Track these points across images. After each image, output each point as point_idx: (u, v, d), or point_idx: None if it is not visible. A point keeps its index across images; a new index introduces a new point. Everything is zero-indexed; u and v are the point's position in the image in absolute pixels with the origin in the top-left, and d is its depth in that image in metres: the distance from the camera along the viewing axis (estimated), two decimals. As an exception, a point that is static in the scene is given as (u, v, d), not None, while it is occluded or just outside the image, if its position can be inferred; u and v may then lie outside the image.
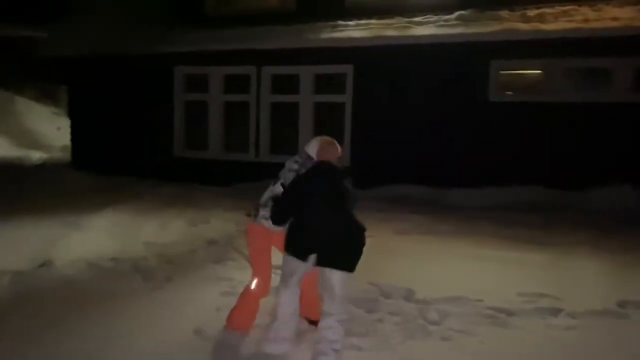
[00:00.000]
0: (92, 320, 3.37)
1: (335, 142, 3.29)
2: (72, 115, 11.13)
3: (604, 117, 7.35)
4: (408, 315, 3.44)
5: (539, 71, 7.85)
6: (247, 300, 3.23)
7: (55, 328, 3.23)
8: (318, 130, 9.05)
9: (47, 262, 4.50)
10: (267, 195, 3.28)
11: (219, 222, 6.25)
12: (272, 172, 10.46)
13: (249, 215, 3.42)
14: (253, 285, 3.24)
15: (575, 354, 2.98)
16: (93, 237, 5.30)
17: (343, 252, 2.93)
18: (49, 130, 15.77)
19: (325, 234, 2.92)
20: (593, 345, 3.08)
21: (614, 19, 7.02)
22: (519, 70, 8.05)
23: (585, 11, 7.30)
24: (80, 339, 3.11)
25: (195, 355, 2.98)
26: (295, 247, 2.97)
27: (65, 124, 13.72)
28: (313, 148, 3.27)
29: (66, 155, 11.50)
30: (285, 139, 9.14)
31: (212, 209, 6.93)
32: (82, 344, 3.04)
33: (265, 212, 3.21)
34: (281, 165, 3.42)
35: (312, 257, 2.92)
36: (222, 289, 3.98)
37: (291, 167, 3.29)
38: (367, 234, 3.13)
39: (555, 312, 3.56)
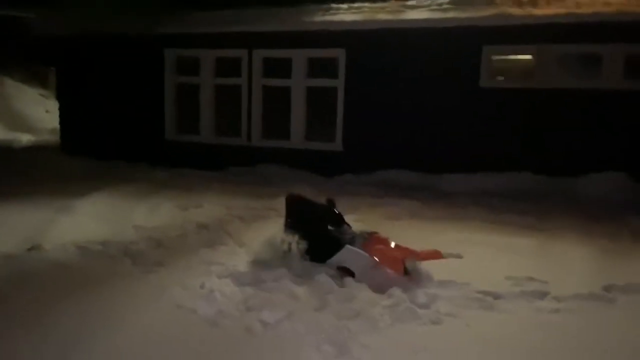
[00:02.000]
0: (83, 303, 3.36)
1: None
2: (60, 97, 11.01)
3: (596, 104, 7.39)
4: (397, 299, 3.47)
5: (530, 57, 7.85)
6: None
7: (46, 311, 3.23)
8: (310, 115, 9.05)
9: (36, 245, 4.48)
10: None
11: (211, 207, 6.24)
12: (264, 156, 10.43)
13: None
14: None
15: (559, 336, 3.03)
16: (82, 221, 5.27)
17: None
18: (38, 113, 15.61)
19: None
20: (577, 328, 3.13)
21: (606, 4, 7.03)
22: (511, 55, 8.04)
23: (578, -4, 7.29)
24: (71, 321, 3.11)
25: (189, 336, 2.99)
26: None
27: (53, 106, 13.60)
28: None
29: (55, 138, 11.41)
30: (278, 124, 9.12)
31: (204, 193, 6.92)
32: (73, 326, 3.04)
33: None
34: (273, 149, 3.53)
35: None
36: (213, 272, 3.98)
37: None
38: (357, 217, 3.29)
39: (542, 295, 3.61)
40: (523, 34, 7.44)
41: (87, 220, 5.35)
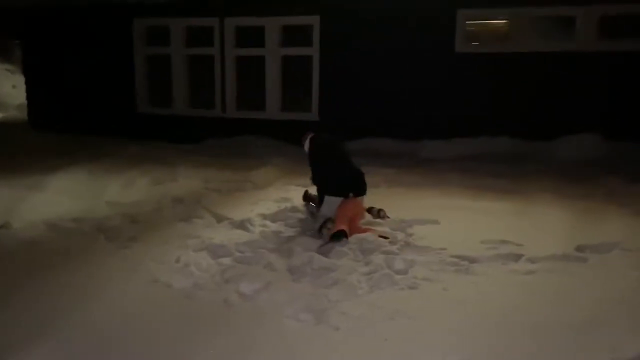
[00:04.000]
0: (54, 280, 3.30)
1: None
2: (27, 72, 10.62)
3: (570, 67, 7.41)
4: (375, 266, 3.48)
5: (505, 21, 7.80)
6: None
7: (19, 288, 3.16)
8: (286, 85, 8.90)
9: (5, 224, 4.36)
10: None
11: (186, 180, 6.15)
12: (240, 128, 10.32)
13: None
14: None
15: (532, 295, 3.08)
16: (53, 198, 5.15)
17: None
18: (4, 89, 15.10)
19: None
20: (551, 287, 3.18)
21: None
22: (485, 19, 7.99)
23: (553, -43, 7.23)
24: (44, 298, 3.05)
25: (164, 309, 2.96)
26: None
27: (20, 81, 13.15)
28: None
29: (23, 114, 11.06)
30: (253, 94, 8.96)
31: (179, 166, 6.81)
32: (46, 303, 2.98)
33: None
34: (249, 120, 3.45)
35: None
36: (190, 246, 3.93)
37: None
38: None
39: (516, 257, 3.65)
40: (498, -3, 7.39)
41: (59, 197, 5.23)
